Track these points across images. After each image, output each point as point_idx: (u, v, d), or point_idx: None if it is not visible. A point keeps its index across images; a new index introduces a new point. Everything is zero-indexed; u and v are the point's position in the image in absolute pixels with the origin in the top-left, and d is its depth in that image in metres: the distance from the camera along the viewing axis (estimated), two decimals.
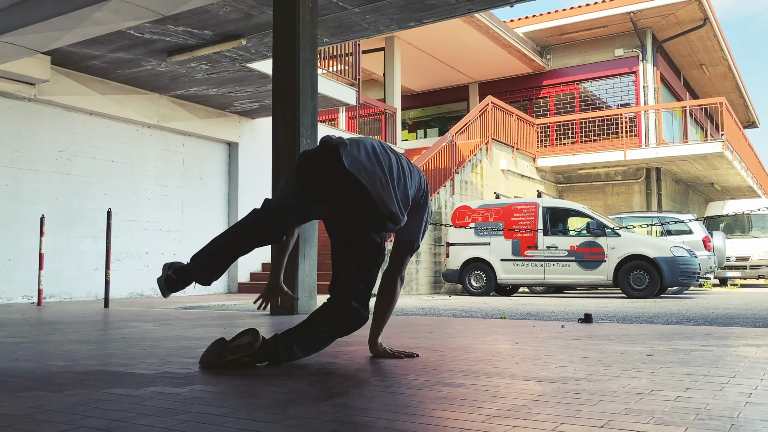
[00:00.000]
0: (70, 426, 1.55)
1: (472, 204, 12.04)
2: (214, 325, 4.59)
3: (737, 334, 3.86)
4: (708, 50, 19.13)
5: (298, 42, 5.90)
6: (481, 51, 16.98)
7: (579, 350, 3.06)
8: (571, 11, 17.28)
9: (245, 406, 1.80)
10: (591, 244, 10.56)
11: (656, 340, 3.52)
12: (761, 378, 2.24)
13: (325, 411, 1.72)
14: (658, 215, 13.87)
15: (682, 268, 10.08)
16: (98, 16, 6.41)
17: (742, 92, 23.45)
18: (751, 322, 5.06)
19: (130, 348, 3.21)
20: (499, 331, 4.11)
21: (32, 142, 8.70)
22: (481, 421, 1.59)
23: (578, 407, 1.75)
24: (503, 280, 11.27)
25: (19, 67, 7.98)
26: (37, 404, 1.81)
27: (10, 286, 8.32)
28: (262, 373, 2.38)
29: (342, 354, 2.96)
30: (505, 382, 2.17)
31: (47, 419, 1.63)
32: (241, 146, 11.52)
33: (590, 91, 18.58)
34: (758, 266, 16.36)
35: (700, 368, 2.47)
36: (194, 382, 2.18)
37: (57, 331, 4.19)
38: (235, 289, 11.36)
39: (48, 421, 1.61)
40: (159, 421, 1.59)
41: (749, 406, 1.76)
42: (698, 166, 17.32)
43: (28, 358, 2.82)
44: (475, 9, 7.26)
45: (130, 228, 9.86)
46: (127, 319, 5.20)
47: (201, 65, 8.76)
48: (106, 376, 2.32)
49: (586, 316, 4.95)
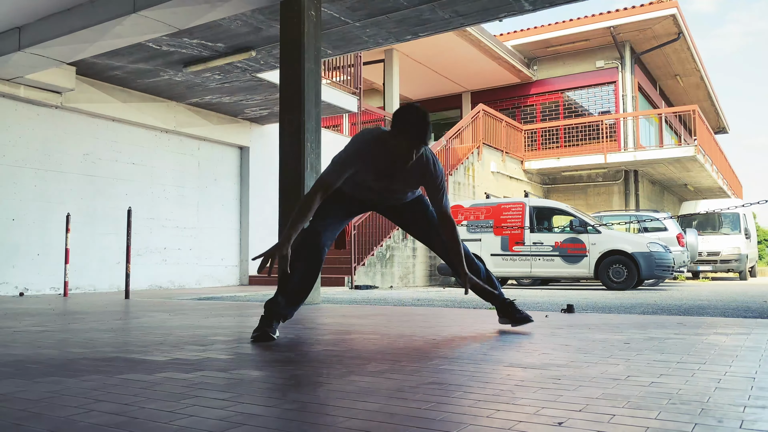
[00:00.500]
0: (83, 410, 1.52)
1: (464, 203, 12.01)
2: (226, 315, 4.56)
3: (708, 324, 3.83)
4: (682, 62, 19.09)
5: (303, 54, 5.87)
6: (472, 62, 16.94)
7: (561, 338, 3.03)
8: (556, 26, 17.24)
9: (248, 390, 1.77)
10: (574, 241, 10.53)
11: (633, 329, 3.49)
12: (730, 365, 2.21)
13: (322, 395, 1.69)
14: (635, 214, 13.83)
15: (657, 263, 10.05)
16: (119, 29, 6.38)
17: (714, 101, 23.39)
18: (721, 313, 5.03)
19: (146, 336, 3.18)
20: (487, 320, 4.08)
21: (59, 146, 8.68)
22: (468, 405, 1.56)
23: (559, 392, 1.72)
24: (493, 273, 11.22)
25: (46, 77, 7.95)
26: (53, 389, 1.78)
27: (38, 279, 8.30)
28: (265, 361, 2.35)
29: (341, 342, 2.93)
30: (491, 368, 2.14)
31: (62, 404, 1.60)
32: (252, 150, 11.49)
33: (573, 100, 18.54)
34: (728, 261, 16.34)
35: (674, 355, 2.44)
36: (202, 369, 2.15)
37: (79, 320, 4.16)
38: (246, 281, 11.33)
39: (62, 405, 1.58)
40: (166, 405, 1.56)
41: (718, 391, 1.73)
42: (673, 168, 17.29)
43: (51, 346, 2.79)
44: (467, 23, 7.22)
45: (150, 225, 9.84)
46: (146, 309, 5.17)
47: (214, 75, 8.73)
48: (121, 363, 2.29)
49: (568, 307, 4.92)
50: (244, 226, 11.43)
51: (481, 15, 6.92)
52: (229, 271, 11.22)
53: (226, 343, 2.88)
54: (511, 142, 16.88)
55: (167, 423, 1.39)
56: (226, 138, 10.99)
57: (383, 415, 1.47)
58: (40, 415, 1.48)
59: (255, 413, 1.49)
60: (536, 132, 17.95)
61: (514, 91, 19.08)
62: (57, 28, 6.58)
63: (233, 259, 11.31)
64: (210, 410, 1.52)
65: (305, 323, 3.86)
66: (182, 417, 1.44)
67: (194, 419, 1.43)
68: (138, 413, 1.48)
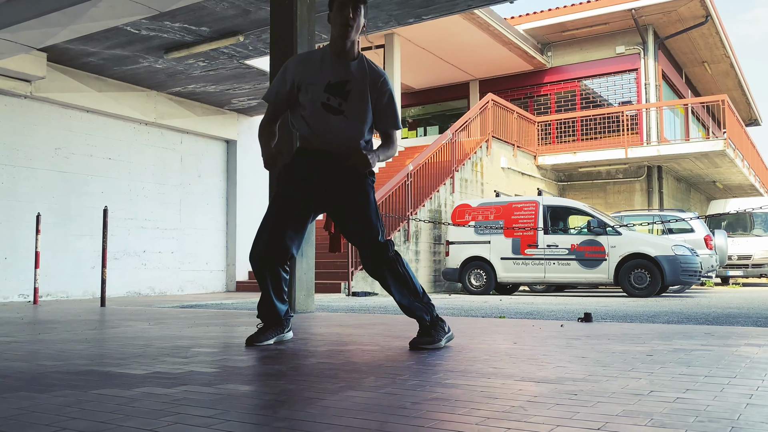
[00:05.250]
0: (56, 428, 1.52)
1: (472, 202, 12.01)
2: (211, 324, 4.56)
3: (739, 334, 3.83)
4: (710, 47, 19.10)
5: (296, 39, 5.87)
6: (481, 48, 16.94)
7: (578, 350, 3.03)
8: (572, 8, 17.24)
9: (235, 407, 1.77)
10: (592, 243, 10.53)
11: (656, 339, 3.50)
12: (762, 379, 2.22)
13: (315, 412, 1.69)
14: (659, 213, 13.85)
15: (683, 267, 10.05)
16: (94, 12, 6.38)
17: (745, 90, 23.42)
18: (753, 322, 5.03)
19: (123, 347, 3.18)
20: (497, 330, 4.09)
21: (28, 139, 8.68)
22: (475, 423, 1.56)
23: (575, 409, 1.72)
24: (503, 278, 11.24)
25: (14, 64, 7.96)
26: (23, 405, 1.79)
27: (6, 285, 8.31)
28: (254, 374, 2.36)
29: (337, 354, 2.94)
30: (501, 383, 2.14)
31: (32, 421, 1.60)
32: (240, 144, 11.49)
33: (591, 89, 18.55)
34: (760, 265, 16.34)
35: (701, 368, 2.44)
36: (185, 383, 2.15)
37: (51, 330, 4.16)
38: (233, 287, 11.33)
39: (33, 423, 1.58)
40: (145, 423, 1.56)
41: (750, 408, 1.74)
42: (700, 164, 17.30)
43: (20, 358, 2.79)
44: (474, 5, 7.24)
45: (128, 226, 9.84)
46: (123, 318, 5.18)
47: (198, 62, 8.74)
48: (97, 377, 2.30)
49: (585, 315, 4.93)
50: (231, 227, 11.44)
51: None
52: (214, 276, 11.22)
53: (210, 355, 2.88)
54: (523, 136, 16.88)
55: None
56: (211, 131, 11.00)
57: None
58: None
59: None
60: (551, 124, 17.96)
61: (526, 80, 19.09)
62: (25, 10, 6.58)
63: (219, 263, 11.32)
64: (194, 428, 1.52)
65: (298, 333, 3.87)
66: None
67: None
68: (115, 431, 1.49)
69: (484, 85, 19.33)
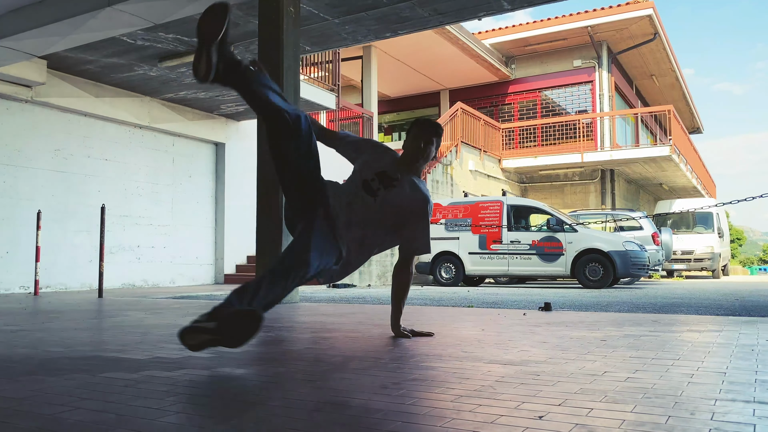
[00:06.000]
0: (69, 407, 1.54)
1: (442, 201, 12.09)
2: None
3: (682, 321, 3.94)
4: (658, 62, 19.41)
5: (282, 50, 5.87)
6: (451, 60, 17.03)
7: (539, 336, 3.10)
8: (534, 24, 17.41)
9: (233, 388, 1.80)
10: (551, 239, 10.67)
11: (609, 326, 3.58)
12: (702, 360, 2.30)
13: (306, 392, 1.73)
14: (611, 213, 14.06)
15: (633, 261, 10.24)
16: (93, 23, 6.31)
17: (688, 101, 23.83)
18: (695, 310, 5.16)
19: (124, 335, 3.18)
20: (467, 318, 4.15)
21: (29, 141, 8.55)
22: (450, 401, 1.61)
23: (538, 388, 1.78)
24: (471, 271, 11.34)
25: (16, 70, 7.83)
26: (37, 388, 1.80)
27: (7, 277, 8.17)
28: (248, 359, 2.38)
29: (322, 340, 2.97)
30: (472, 365, 2.19)
31: (47, 401, 1.61)
32: (228, 147, 11.42)
33: (551, 99, 18.75)
34: (701, 259, 16.69)
35: (648, 352, 2.52)
36: (184, 367, 2.17)
37: (54, 319, 4.13)
38: (221, 280, 11.27)
39: (47, 403, 1.60)
40: (152, 402, 1.59)
41: (691, 386, 1.81)
42: (648, 167, 17.60)
43: (28, 345, 2.78)
44: (446, 21, 7.29)
45: (123, 223, 9.74)
46: (120, 308, 5.14)
47: (190, 70, 8.66)
48: (102, 361, 2.30)
49: (546, 305, 5.01)
50: (219, 224, 11.37)
51: (460, 13, 6.99)
52: (204, 270, 11.15)
53: None
54: (489, 141, 17.01)
55: (156, 420, 1.42)
56: (201, 134, 10.91)
57: (369, 410, 1.51)
58: (26, 412, 1.50)
59: (241, 409, 1.52)
60: (514, 131, 18.12)
61: (492, 90, 19.23)
62: (28, 20, 6.48)
63: (208, 257, 11.25)
64: (196, 407, 1.55)
65: (284, 322, 3.89)
66: (171, 414, 1.47)
67: (183, 416, 1.46)
68: (125, 410, 1.51)
69: (454, 95, 19.44)
